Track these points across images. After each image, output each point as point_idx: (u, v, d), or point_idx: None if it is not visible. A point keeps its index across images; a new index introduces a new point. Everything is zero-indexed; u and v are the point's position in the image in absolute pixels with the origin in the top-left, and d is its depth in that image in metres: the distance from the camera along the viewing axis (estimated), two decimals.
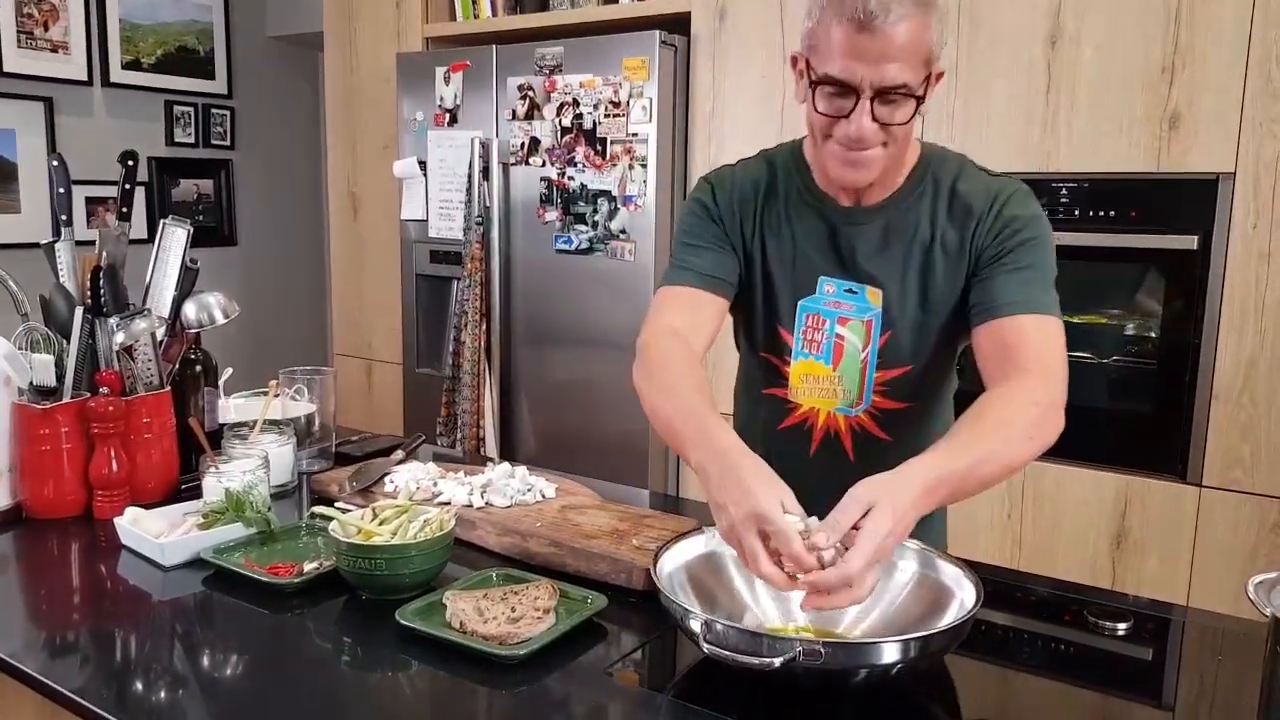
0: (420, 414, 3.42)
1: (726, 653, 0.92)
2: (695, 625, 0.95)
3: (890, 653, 0.91)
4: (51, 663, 1.10)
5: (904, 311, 1.34)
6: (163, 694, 1.02)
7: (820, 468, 1.37)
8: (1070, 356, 1.27)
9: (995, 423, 1.14)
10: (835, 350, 1.37)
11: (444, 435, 3.18)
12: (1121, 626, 1.16)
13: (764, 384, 1.46)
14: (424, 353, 3.49)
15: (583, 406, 3.04)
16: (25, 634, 1.18)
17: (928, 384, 1.40)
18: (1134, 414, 2.35)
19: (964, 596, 1.00)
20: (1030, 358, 1.22)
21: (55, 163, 1.61)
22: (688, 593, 1.09)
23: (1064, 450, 2.36)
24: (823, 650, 0.89)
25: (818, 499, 1.03)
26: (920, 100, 1.20)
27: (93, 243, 1.62)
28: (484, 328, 3.13)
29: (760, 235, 1.40)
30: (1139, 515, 2.30)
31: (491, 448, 3.16)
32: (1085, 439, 2.39)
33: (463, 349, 3.14)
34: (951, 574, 1.06)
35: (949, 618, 0.99)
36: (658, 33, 2.75)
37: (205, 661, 1.10)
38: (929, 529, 1.34)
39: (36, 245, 1.71)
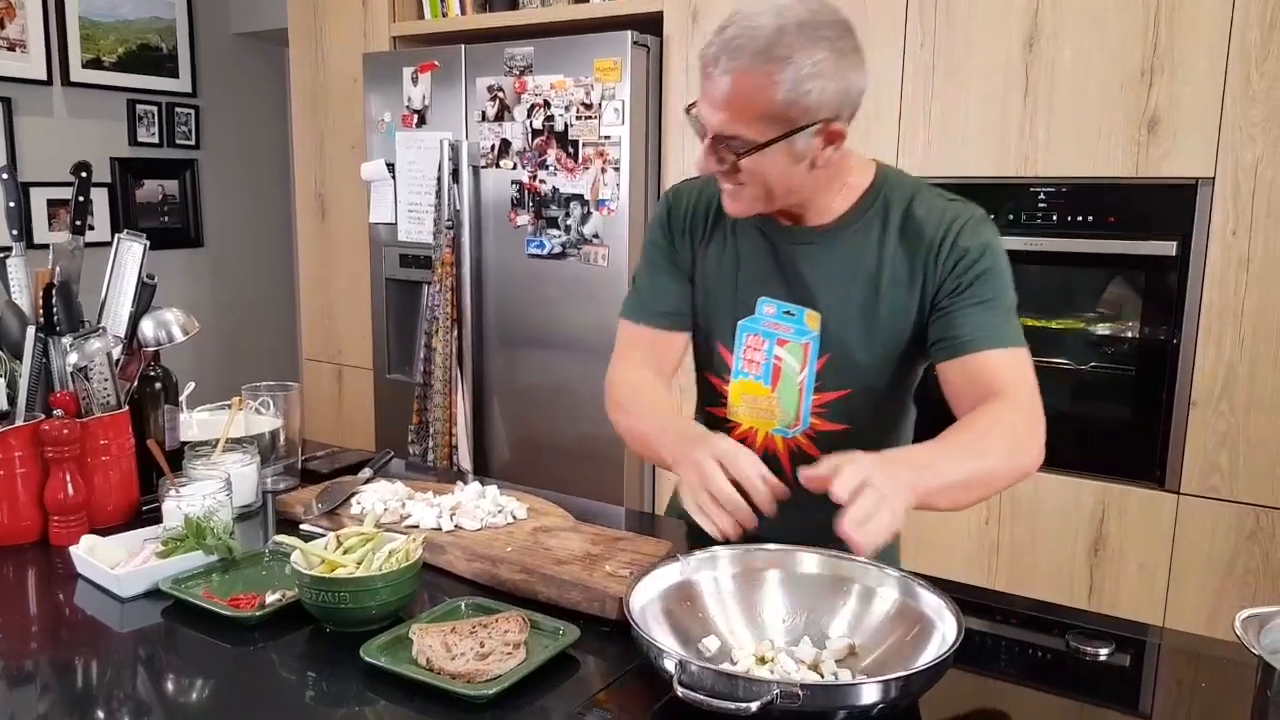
0: (392, 421, 3.37)
1: (701, 696, 0.88)
2: (669, 665, 0.92)
3: (870, 694, 0.88)
4: (8, 695, 1.06)
5: (844, 336, 1.34)
6: None
7: None
8: (1047, 363, 1.28)
9: (979, 441, 1.18)
10: (774, 371, 1.38)
11: (415, 443, 3.13)
12: (1104, 651, 1.14)
13: (706, 402, 1.48)
14: (395, 358, 3.44)
15: (556, 412, 3.00)
16: None
17: (871, 408, 1.38)
18: (1112, 421, 2.34)
19: (945, 630, 0.98)
20: (1004, 388, 1.23)
21: (4, 176, 1.54)
22: (662, 626, 1.06)
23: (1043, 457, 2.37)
24: (800, 693, 0.86)
25: (759, 519, 1.11)
26: (748, 152, 1.20)
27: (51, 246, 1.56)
28: (455, 334, 3.09)
29: (706, 251, 1.42)
30: (1117, 522, 2.29)
31: (464, 455, 3.12)
32: (1063, 446, 2.36)
33: (434, 355, 3.09)
34: (932, 604, 1.03)
35: (929, 653, 0.96)
36: (630, 33, 2.71)
37: (164, 697, 1.06)
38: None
39: None
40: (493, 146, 2.99)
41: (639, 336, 1.45)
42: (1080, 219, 2.30)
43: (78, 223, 1.59)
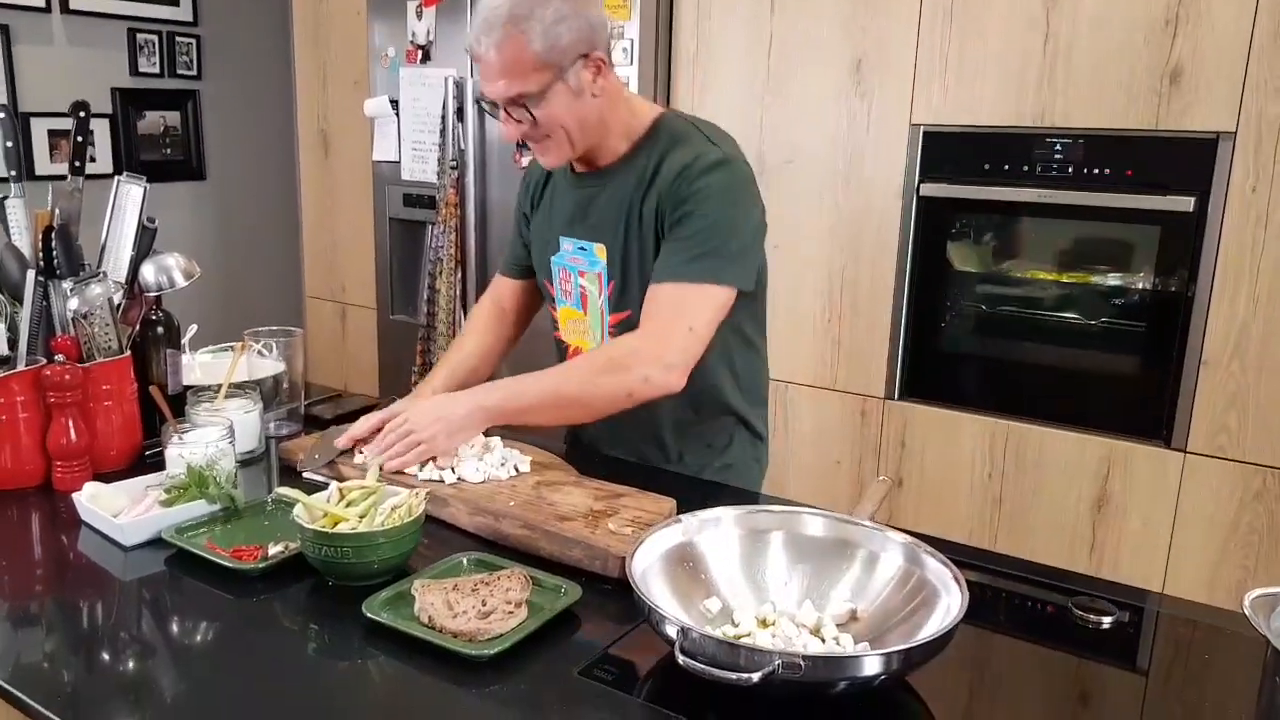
0: (395, 361, 3.36)
1: (702, 665, 0.88)
2: (671, 632, 0.92)
3: (872, 665, 0.88)
4: (13, 636, 1.08)
5: (619, 264, 1.54)
6: (124, 679, 1.00)
7: None
8: (1057, 317, 1.26)
9: (570, 366, 1.53)
10: (582, 297, 1.62)
11: (419, 384, 3.12)
12: (1106, 620, 1.13)
13: (552, 328, 1.75)
14: (399, 298, 3.42)
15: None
16: None
17: None
18: (1120, 377, 2.32)
19: (950, 600, 0.97)
20: (649, 318, 1.44)
21: (2, 115, 1.51)
22: (664, 588, 1.06)
23: (1047, 412, 2.37)
24: (802, 663, 0.86)
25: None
26: (539, 98, 1.40)
27: (52, 178, 1.54)
28: (459, 275, 3.06)
29: (538, 206, 1.69)
30: (1121, 479, 2.29)
31: None
32: (1070, 401, 2.37)
33: (438, 297, 3.07)
34: (937, 572, 1.03)
35: (933, 624, 0.96)
36: None
37: (168, 646, 1.07)
38: (741, 473, 1.65)
39: None
40: None
41: (496, 282, 1.84)
42: (1097, 172, 2.26)
43: (76, 163, 1.56)
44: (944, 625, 0.91)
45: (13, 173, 1.54)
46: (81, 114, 1.53)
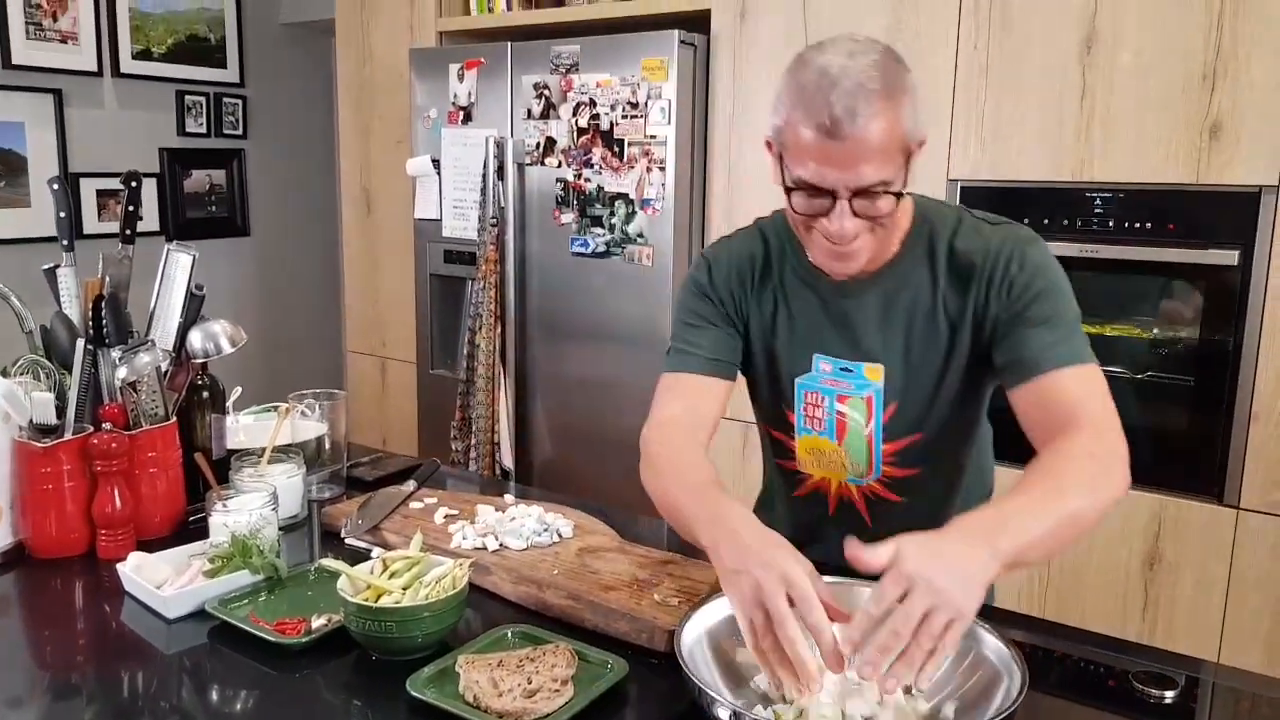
0: (435, 416, 3.37)
1: None
2: (723, 715, 0.90)
3: None
4: (53, 708, 1.08)
5: (908, 384, 1.31)
6: None
7: (840, 527, 1.33)
8: (1103, 371, 1.22)
9: (1061, 483, 1.07)
10: (838, 426, 1.35)
11: (458, 439, 3.13)
12: (1169, 695, 1.10)
13: (774, 455, 1.47)
14: (438, 353, 3.44)
15: (598, 409, 2.99)
16: (27, 681, 1.15)
17: (943, 447, 1.36)
18: (1169, 432, 2.28)
19: (1010, 683, 0.94)
20: (1077, 412, 1.16)
21: (55, 186, 1.55)
22: (711, 667, 1.04)
23: None
24: None
25: (841, 556, 0.98)
26: (899, 193, 1.16)
27: (100, 237, 1.57)
28: (499, 330, 3.08)
29: (759, 311, 1.38)
30: (1173, 537, 2.23)
31: (506, 453, 3.11)
32: None
33: (477, 352, 3.08)
34: (996, 651, 1.00)
35: (993, 707, 0.93)
36: (676, 32, 2.67)
37: None
38: None
39: (47, 240, 1.67)
40: (538, 144, 2.96)
41: (679, 384, 1.36)
42: (1138, 226, 2.23)
43: (127, 231, 1.59)
44: (1005, 708, 0.88)
45: (64, 242, 1.57)
46: (134, 184, 1.56)
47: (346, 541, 1.49)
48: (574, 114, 2.87)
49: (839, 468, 1.38)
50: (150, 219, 4.05)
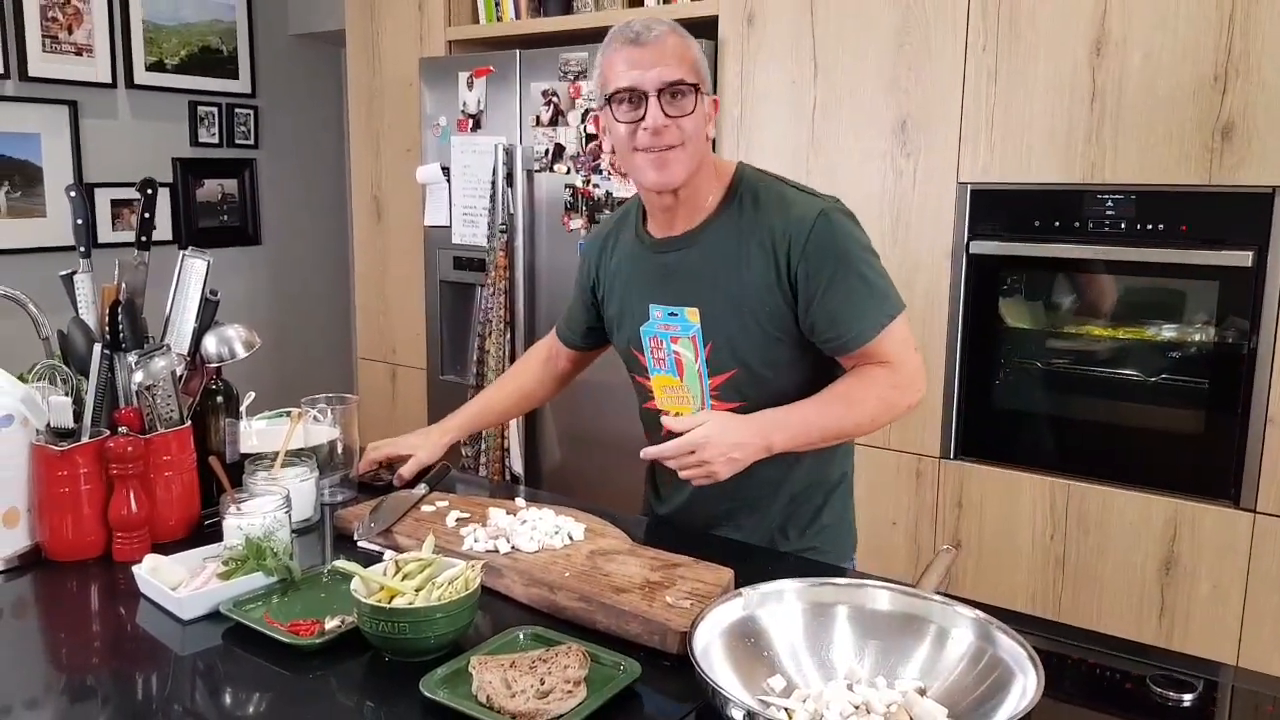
0: None
1: None
2: (737, 715, 0.90)
3: None
4: (69, 710, 1.08)
5: (720, 326, 1.52)
6: None
7: None
8: (1115, 373, 1.25)
9: (847, 398, 1.47)
10: (677, 364, 1.59)
11: (468, 445, 3.14)
12: (1188, 698, 1.09)
13: (641, 399, 1.71)
14: (448, 359, 3.45)
15: (607, 413, 2.99)
16: (43, 683, 1.16)
17: (759, 383, 1.54)
18: (1184, 435, 2.26)
19: (1025, 682, 0.94)
20: (883, 363, 1.48)
21: (73, 193, 1.56)
22: (725, 666, 1.04)
23: (1109, 470, 2.31)
24: None
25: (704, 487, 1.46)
26: (697, 86, 1.44)
27: (114, 245, 1.58)
28: (508, 336, 3.09)
29: (607, 280, 1.69)
30: (1189, 541, 2.22)
31: (516, 458, 3.12)
32: (1132, 459, 2.31)
33: (487, 358, 3.09)
34: (1010, 651, 1.00)
35: (1009, 707, 0.92)
36: None
37: None
38: (835, 536, 1.66)
39: (62, 249, 1.68)
40: (546, 151, 2.97)
41: (554, 342, 1.90)
42: (1150, 227, 2.23)
43: (143, 238, 1.60)
44: (1020, 709, 0.88)
45: (81, 248, 1.58)
46: (149, 191, 1.57)
47: (359, 544, 1.50)
48: (582, 120, 2.88)
49: (684, 401, 1.61)
50: (163, 228, 4.07)
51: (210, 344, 1.60)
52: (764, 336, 1.51)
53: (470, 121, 3.15)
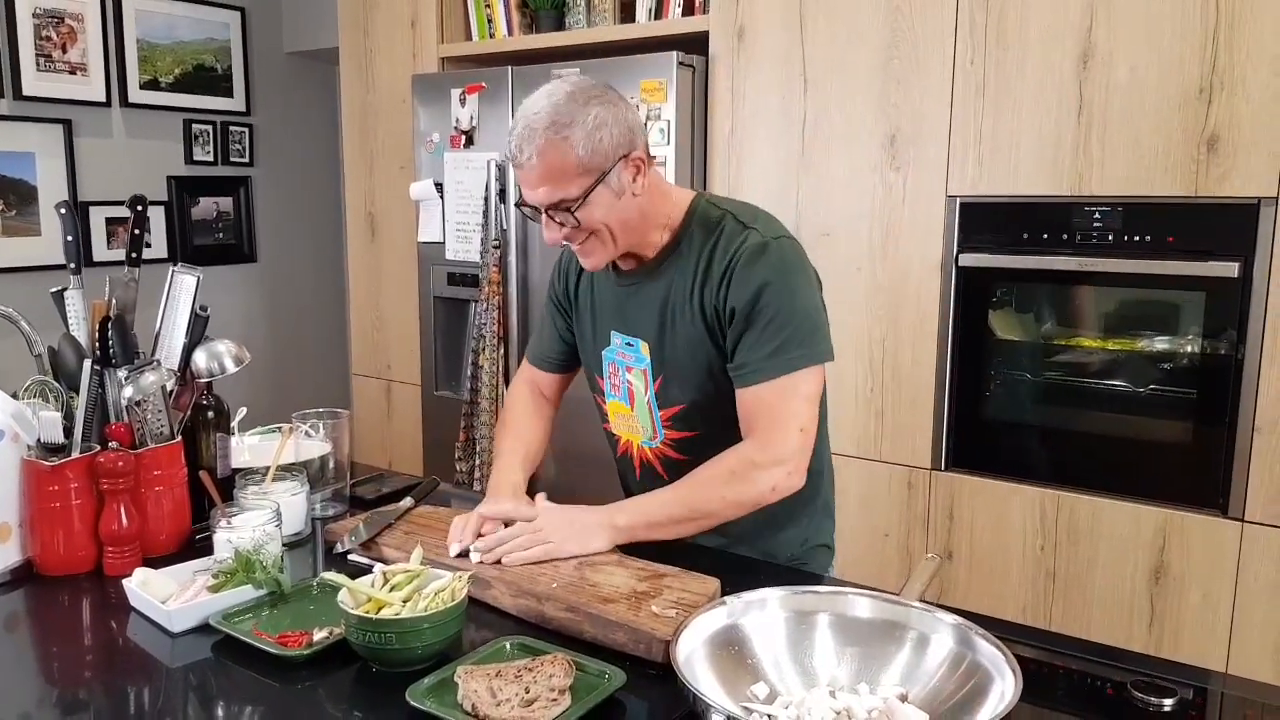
0: (439, 437, 3.39)
1: None
2: None
3: None
4: None
5: (665, 361, 1.55)
6: None
7: (646, 485, 1.63)
8: (1104, 384, 1.25)
9: (694, 483, 1.46)
10: (629, 393, 1.62)
11: (462, 460, 3.15)
12: (1168, 702, 1.10)
13: (601, 419, 1.74)
14: (442, 374, 3.46)
15: (595, 430, 2.99)
16: (34, 696, 1.16)
17: (709, 417, 1.55)
18: (1173, 445, 2.28)
19: (1004, 686, 0.95)
20: (760, 423, 1.45)
21: (63, 210, 1.57)
22: (709, 673, 1.04)
23: (1098, 481, 2.33)
24: None
25: None
26: (590, 193, 1.40)
27: (108, 264, 1.60)
28: (502, 351, 3.10)
29: (578, 302, 1.69)
30: (1178, 550, 2.23)
31: None
32: (1121, 469, 2.32)
33: (481, 373, 3.10)
34: (990, 656, 1.01)
35: (987, 711, 0.93)
36: (675, 54, 2.70)
37: None
38: (814, 557, 1.67)
39: (56, 267, 1.69)
40: None
41: (529, 370, 1.84)
42: (1137, 239, 2.24)
43: (133, 254, 1.61)
44: (998, 712, 0.89)
45: (71, 265, 1.60)
46: (139, 208, 1.58)
47: (348, 558, 1.51)
48: None
49: (635, 430, 1.64)
50: (159, 246, 4.09)
51: (200, 359, 1.61)
52: (710, 371, 1.51)
53: (463, 138, 3.18)
